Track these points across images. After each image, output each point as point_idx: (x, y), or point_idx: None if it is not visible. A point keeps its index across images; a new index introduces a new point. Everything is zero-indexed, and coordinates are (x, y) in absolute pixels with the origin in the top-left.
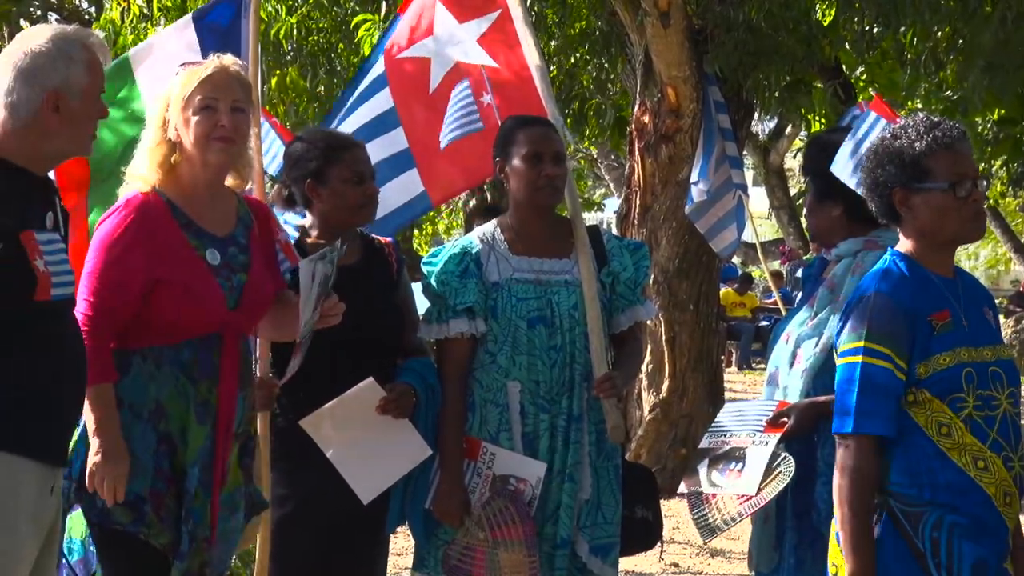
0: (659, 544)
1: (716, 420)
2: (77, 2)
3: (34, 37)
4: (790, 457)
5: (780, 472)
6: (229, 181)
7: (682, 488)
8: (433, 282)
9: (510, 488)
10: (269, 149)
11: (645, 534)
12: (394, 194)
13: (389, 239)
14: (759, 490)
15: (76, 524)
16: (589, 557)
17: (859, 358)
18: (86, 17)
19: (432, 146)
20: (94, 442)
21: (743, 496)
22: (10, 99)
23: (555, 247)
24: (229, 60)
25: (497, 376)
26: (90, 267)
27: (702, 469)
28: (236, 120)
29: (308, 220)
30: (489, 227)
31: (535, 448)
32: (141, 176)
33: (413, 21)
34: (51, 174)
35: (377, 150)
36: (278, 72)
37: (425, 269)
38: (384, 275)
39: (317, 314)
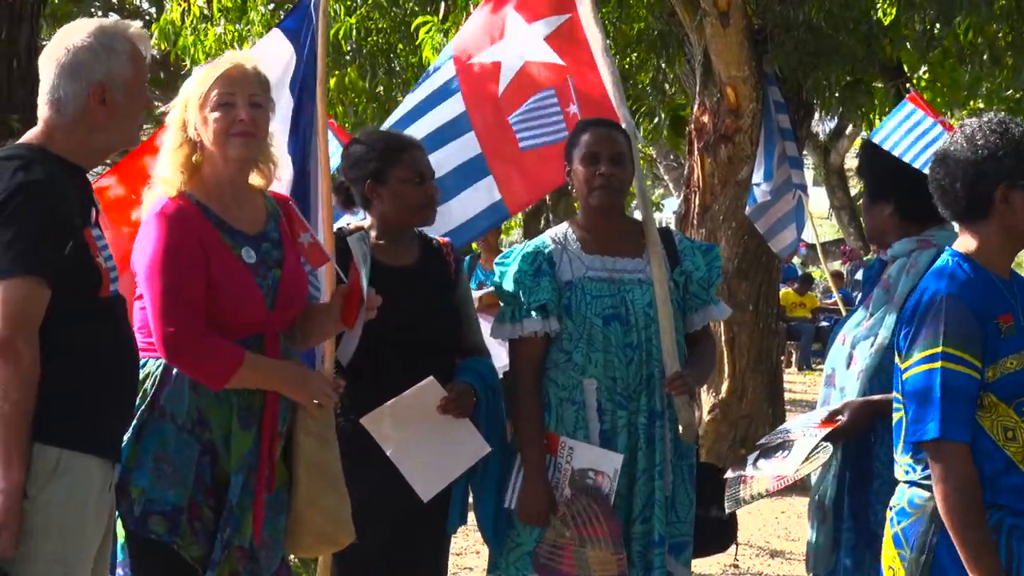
0: (734, 545)
1: (783, 425)
2: (137, 3)
3: (75, 33)
4: (830, 445)
5: (817, 455)
6: (254, 179)
7: (728, 473)
8: (506, 282)
9: (588, 482)
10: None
11: (719, 534)
12: (470, 203)
13: (447, 239)
14: (796, 472)
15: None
16: (664, 555)
17: (938, 364)
18: (146, 18)
19: (505, 152)
20: (284, 387)
21: (778, 476)
22: (56, 95)
23: (627, 247)
24: (245, 56)
25: (573, 374)
26: (157, 281)
27: (751, 457)
28: (254, 115)
29: (367, 221)
30: (561, 228)
31: (613, 445)
32: (165, 179)
33: (484, 28)
34: None
35: (449, 156)
36: (337, 72)
37: (498, 269)
38: (442, 275)
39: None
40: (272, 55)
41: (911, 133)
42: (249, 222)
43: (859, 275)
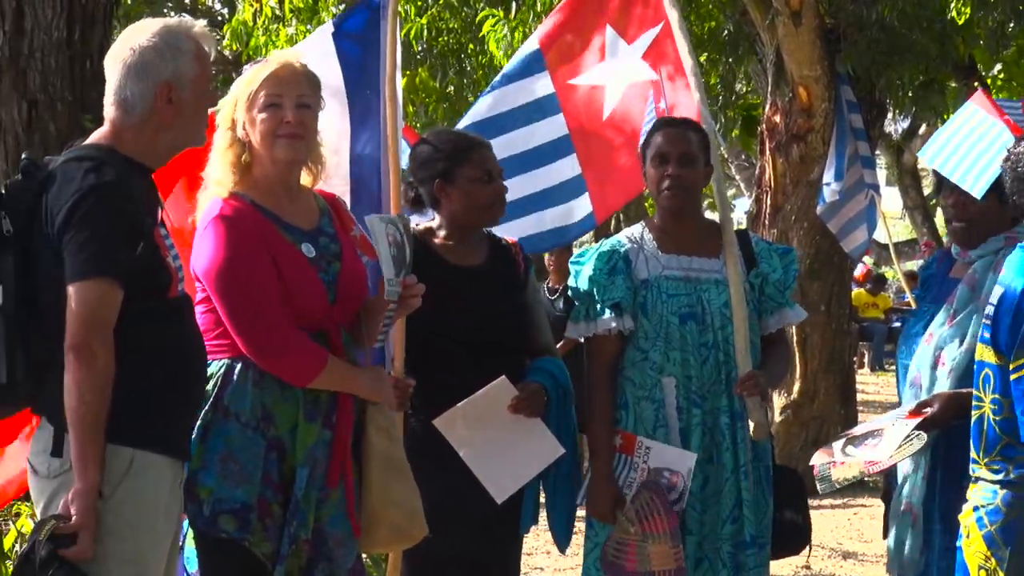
0: (808, 548)
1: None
2: (210, 3)
3: (139, 33)
4: (923, 434)
5: (911, 443)
6: (304, 179)
7: (814, 460)
8: (581, 280)
9: (663, 481)
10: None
11: (794, 537)
12: (557, 217)
13: (515, 239)
14: (890, 457)
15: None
16: (757, 555)
17: None
18: (219, 18)
19: (605, 171)
20: (361, 390)
21: (871, 461)
22: (122, 96)
23: (704, 246)
24: (294, 55)
25: (651, 372)
26: (231, 284)
27: (836, 444)
28: (302, 115)
29: (436, 221)
30: (637, 228)
31: (689, 443)
32: (217, 181)
33: (581, 45)
34: None
35: (549, 174)
36: (407, 73)
37: (573, 268)
38: (510, 275)
39: (399, 285)
40: (315, 52)
41: (975, 132)
42: (304, 219)
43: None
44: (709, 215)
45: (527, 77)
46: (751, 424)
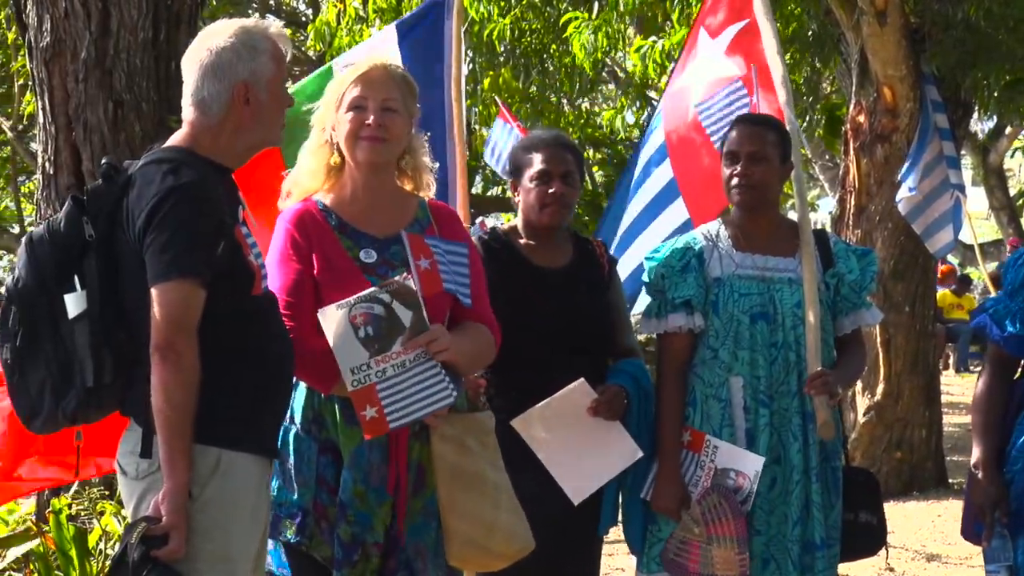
0: (884, 550)
1: None
2: (294, 4)
3: (216, 34)
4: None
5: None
6: (404, 185)
7: None
8: (653, 277)
9: (729, 482)
10: (506, 148)
11: (869, 539)
12: (662, 227)
13: (601, 239)
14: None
15: None
16: (826, 558)
17: None
18: (303, 19)
19: (693, 172)
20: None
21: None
22: (200, 97)
23: (779, 246)
24: (388, 60)
25: (719, 371)
26: (275, 283)
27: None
28: (385, 119)
29: (520, 220)
30: (713, 225)
31: (756, 444)
32: (300, 185)
33: (686, 59)
34: None
35: (648, 192)
36: (491, 73)
37: (647, 265)
38: (594, 276)
39: (398, 356)
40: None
41: None
42: (382, 225)
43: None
44: (791, 215)
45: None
46: (817, 423)
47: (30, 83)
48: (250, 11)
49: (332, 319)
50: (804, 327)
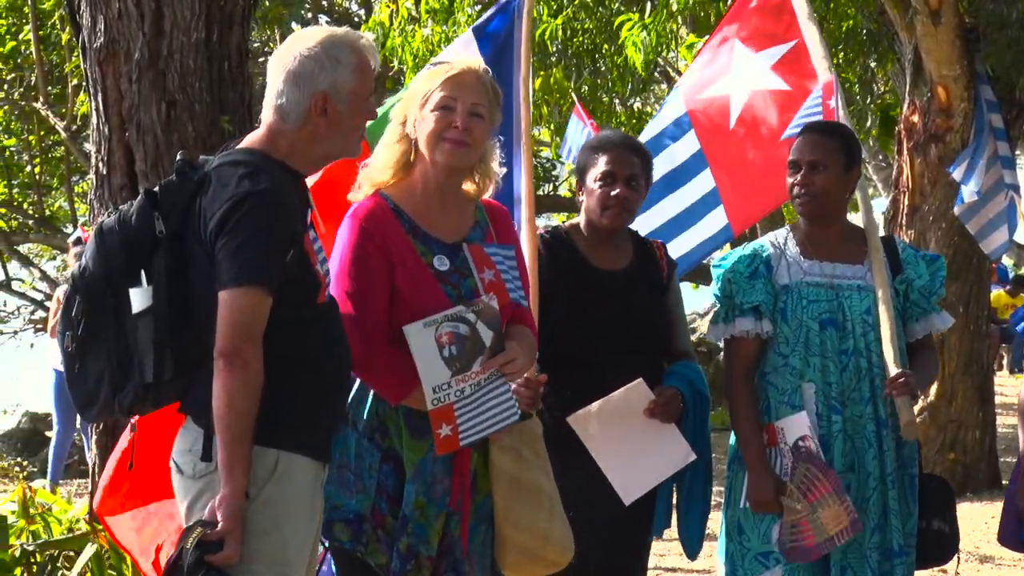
0: (956, 558)
1: None
2: (347, 5)
3: (304, 40)
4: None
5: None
6: (466, 188)
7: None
8: (721, 282)
9: (802, 451)
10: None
11: (941, 547)
12: (698, 233)
13: (661, 241)
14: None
15: None
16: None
17: None
18: (355, 20)
19: (738, 182)
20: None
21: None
22: (280, 102)
23: (847, 252)
24: (477, 63)
25: (791, 378)
26: (342, 287)
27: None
28: (471, 123)
29: (583, 219)
30: (781, 232)
31: (831, 450)
32: (370, 178)
33: (711, 63)
34: None
35: (684, 195)
36: (542, 73)
37: (715, 271)
38: (653, 279)
39: (476, 376)
40: (461, 54)
41: None
42: (450, 230)
43: None
44: (853, 218)
45: (666, 104)
46: (901, 424)
47: (84, 83)
48: (303, 12)
49: (419, 336)
50: (875, 334)
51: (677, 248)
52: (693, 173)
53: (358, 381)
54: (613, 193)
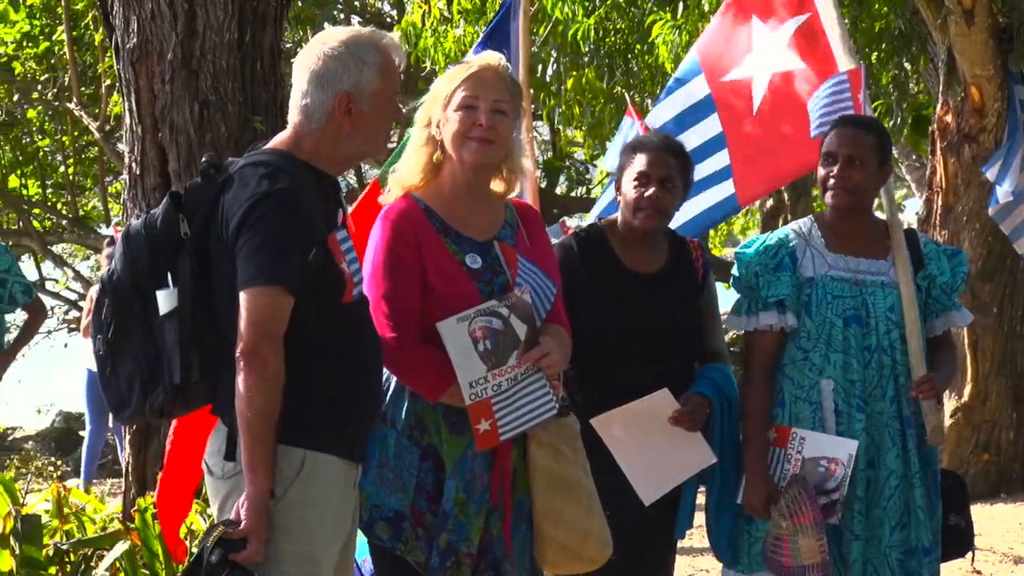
0: (971, 552)
1: None
2: (379, 6)
3: (328, 40)
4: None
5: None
6: (495, 186)
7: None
8: (745, 273)
9: (820, 470)
10: None
11: (958, 541)
12: (704, 201)
13: (697, 240)
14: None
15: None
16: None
17: None
18: (387, 20)
19: (751, 159)
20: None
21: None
22: (304, 102)
23: (871, 247)
24: (496, 59)
25: (810, 374)
26: (375, 287)
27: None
28: (495, 121)
29: (619, 218)
30: (806, 222)
31: None
32: (399, 181)
33: (731, 41)
34: None
35: (700, 171)
36: (574, 73)
37: (737, 259)
38: (688, 280)
39: (512, 370)
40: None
41: None
42: (480, 228)
43: None
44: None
45: (686, 83)
46: (928, 428)
47: (117, 84)
48: (336, 12)
49: (453, 332)
50: (899, 331)
51: (681, 215)
52: (710, 152)
53: (394, 381)
54: (647, 194)
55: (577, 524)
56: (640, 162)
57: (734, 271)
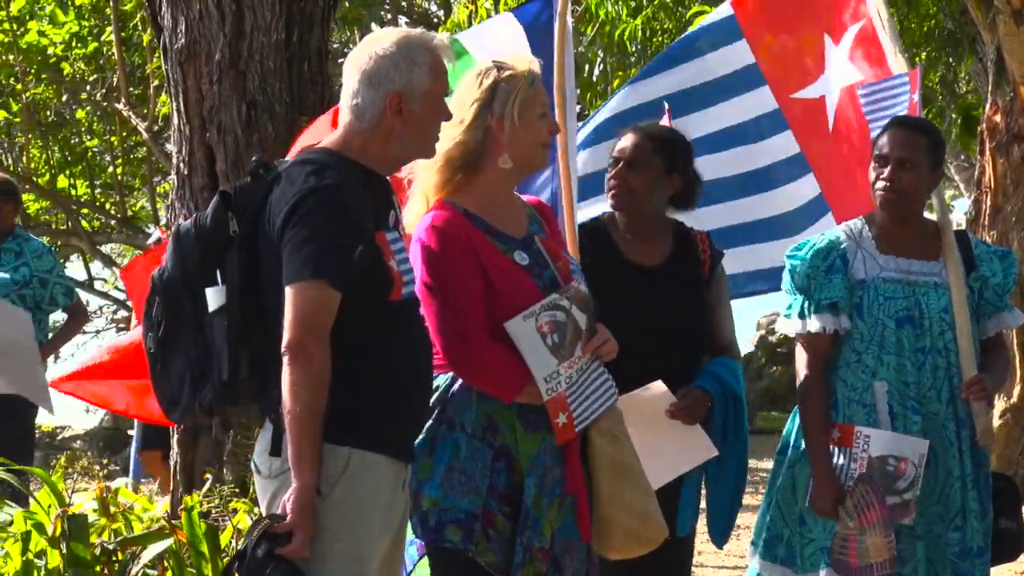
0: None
1: None
2: (426, 6)
3: (380, 41)
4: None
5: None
6: None
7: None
8: (797, 276)
9: (889, 469)
10: None
11: (1009, 545)
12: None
13: (705, 232)
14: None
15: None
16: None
17: None
18: (434, 20)
19: (842, 189)
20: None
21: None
22: (355, 102)
23: (923, 249)
24: (535, 61)
25: (863, 376)
26: (438, 295)
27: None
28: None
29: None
30: (857, 223)
31: None
32: (430, 182)
33: (800, 57)
34: None
35: (788, 198)
36: (620, 74)
37: (789, 263)
38: (691, 272)
39: (579, 360)
40: (498, 37)
41: None
42: (516, 226)
43: None
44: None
45: (724, 47)
46: (978, 430)
47: (165, 85)
48: (383, 12)
49: (521, 330)
50: (952, 332)
51: (764, 257)
52: (797, 175)
53: (458, 384)
54: (612, 174)
55: (637, 507)
56: (615, 147)
57: (786, 274)
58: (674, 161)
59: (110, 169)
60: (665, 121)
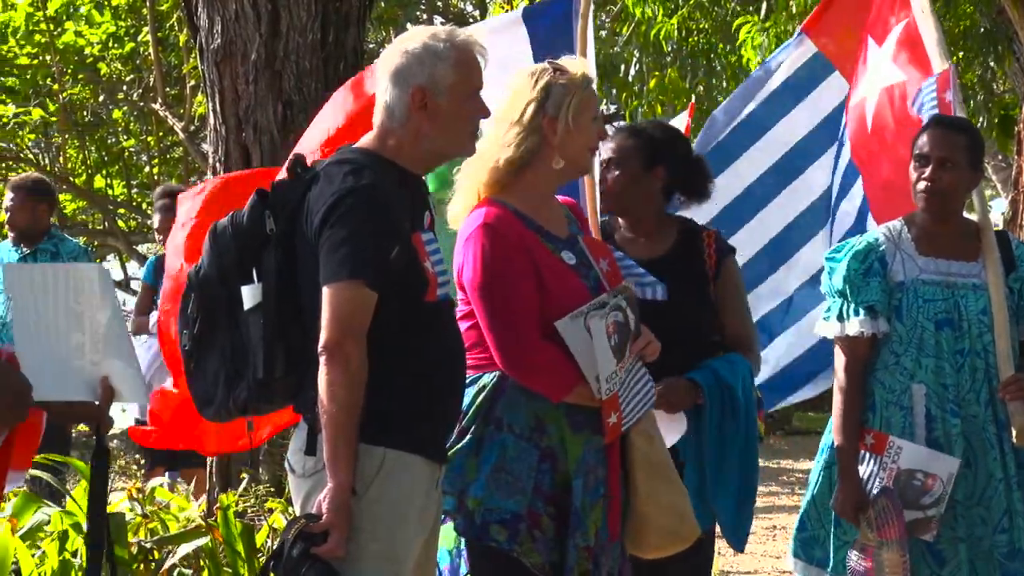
0: None
1: None
2: (461, 6)
3: (408, 40)
4: None
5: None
6: None
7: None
8: (835, 278)
9: (916, 483)
10: None
11: None
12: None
13: (714, 230)
14: None
15: (445, 535)
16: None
17: None
18: (470, 20)
19: (879, 183)
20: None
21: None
22: (385, 100)
23: (962, 249)
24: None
25: (901, 378)
26: (490, 295)
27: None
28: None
29: None
30: (896, 224)
31: (947, 453)
32: (483, 178)
33: (851, 57)
34: None
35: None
36: (656, 74)
37: (827, 265)
38: (694, 268)
39: (628, 361)
40: (503, 34)
41: None
42: (559, 226)
43: None
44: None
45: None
46: (1014, 430)
47: (201, 85)
48: (418, 13)
49: (570, 330)
50: (991, 334)
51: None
52: (851, 182)
53: (509, 384)
54: (600, 178)
55: (675, 505)
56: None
57: (824, 277)
58: (653, 154)
59: (146, 169)
60: (685, 117)
